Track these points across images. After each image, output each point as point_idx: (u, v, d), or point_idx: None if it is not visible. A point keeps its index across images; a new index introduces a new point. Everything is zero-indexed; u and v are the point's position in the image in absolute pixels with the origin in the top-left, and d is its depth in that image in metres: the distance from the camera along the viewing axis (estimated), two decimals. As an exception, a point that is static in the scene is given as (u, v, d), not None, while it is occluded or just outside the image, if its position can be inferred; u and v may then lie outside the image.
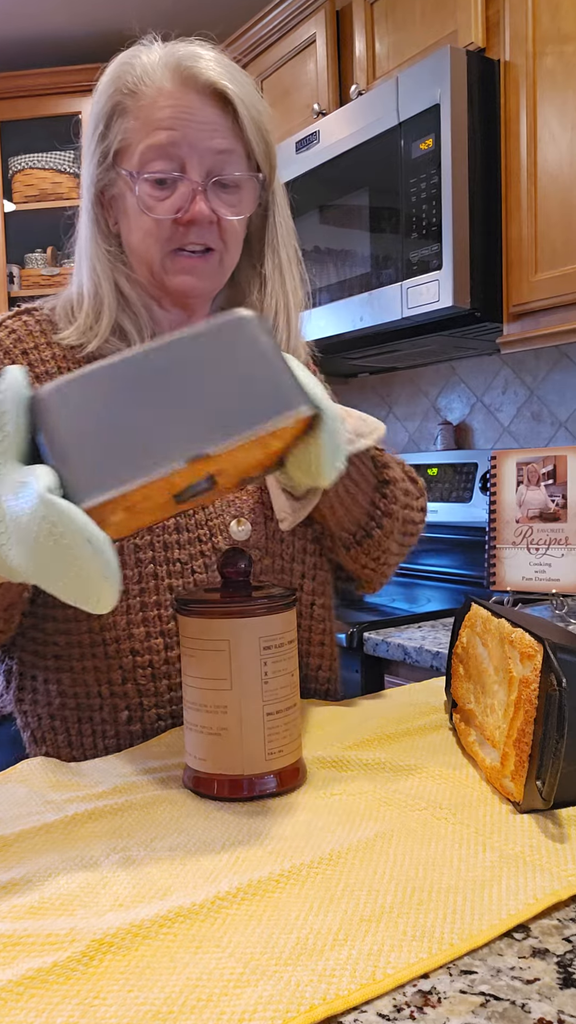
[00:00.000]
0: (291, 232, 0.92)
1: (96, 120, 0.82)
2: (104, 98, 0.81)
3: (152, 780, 0.65)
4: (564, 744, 0.52)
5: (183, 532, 0.82)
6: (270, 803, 0.60)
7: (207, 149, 0.80)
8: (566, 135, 1.51)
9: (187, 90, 0.79)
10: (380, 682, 1.55)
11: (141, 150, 0.80)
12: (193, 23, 2.71)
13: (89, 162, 0.83)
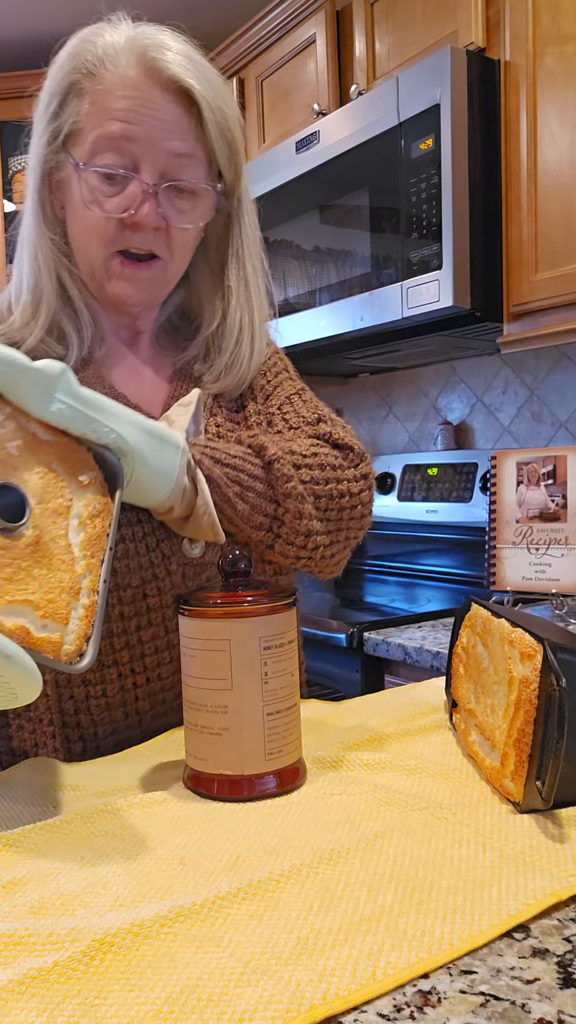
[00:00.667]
0: (258, 243, 0.88)
1: (50, 97, 0.76)
2: (61, 74, 0.76)
3: (152, 780, 0.65)
4: (564, 744, 0.52)
5: (132, 558, 0.76)
6: (270, 803, 0.60)
7: (164, 150, 0.75)
8: (566, 135, 1.51)
9: (150, 83, 0.74)
10: (380, 682, 1.55)
11: (92, 139, 0.74)
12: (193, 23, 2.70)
13: (38, 141, 0.78)
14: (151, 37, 0.76)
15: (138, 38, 0.75)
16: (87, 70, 0.75)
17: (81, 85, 0.75)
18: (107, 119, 0.73)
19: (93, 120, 0.74)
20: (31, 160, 0.79)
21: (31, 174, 0.79)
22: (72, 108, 0.75)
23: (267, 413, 0.90)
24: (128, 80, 0.74)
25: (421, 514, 2.18)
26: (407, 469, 2.25)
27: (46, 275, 0.79)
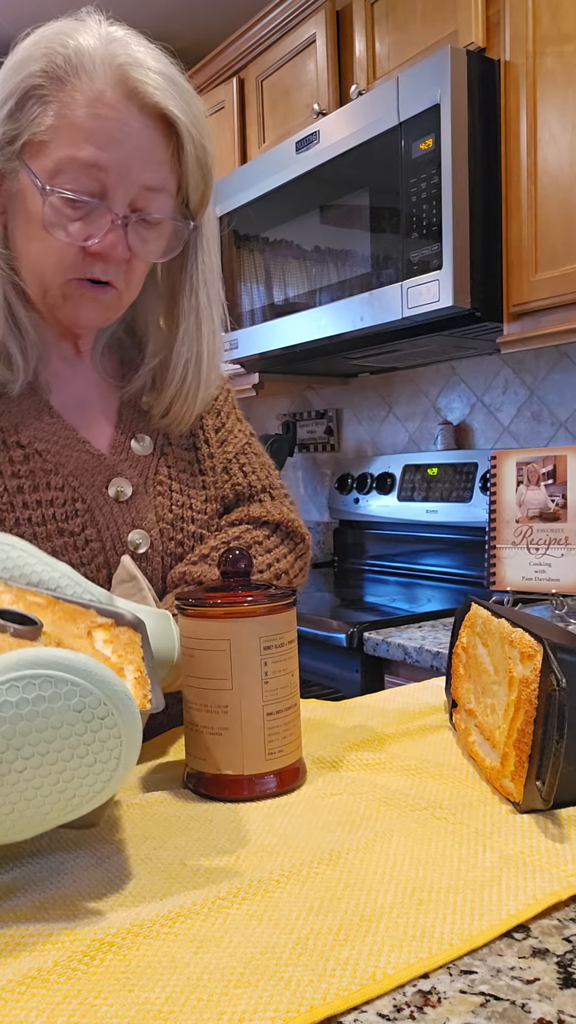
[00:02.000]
0: (215, 270, 0.84)
1: (6, 95, 0.68)
2: (22, 74, 0.68)
3: (152, 779, 0.65)
4: (564, 744, 0.52)
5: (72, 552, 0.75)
6: (270, 803, 0.60)
7: (136, 180, 0.70)
8: (566, 135, 1.51)
9: (129, 104, 0.68)
10: (380, 682, 1.55)
11: (59, 158, 0.68)
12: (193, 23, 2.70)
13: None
14: (131, 52, 0.68)
15: (116, 51, 0.68)
16: (55, 75, 0.67)
17: (45, 91, 0.68)
18: (79, 139, 0.67)
19: (61, 136, 0.67)
20: None
21: None
22: (33, 114, 0.68)
23: (223, 459, 0.90)
24: (104, 98, 0.67)
25: (421, 514, 2.18)
26: (407, 469, 2.25)
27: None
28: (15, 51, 0.70)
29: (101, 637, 0.56)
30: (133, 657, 0.54)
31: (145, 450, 0.84)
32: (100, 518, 0.79)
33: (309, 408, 2.73)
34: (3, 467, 0.75)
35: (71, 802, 0.43)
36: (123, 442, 0.83)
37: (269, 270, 2.06)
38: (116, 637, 0.57)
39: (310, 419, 2.71)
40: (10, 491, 0.75)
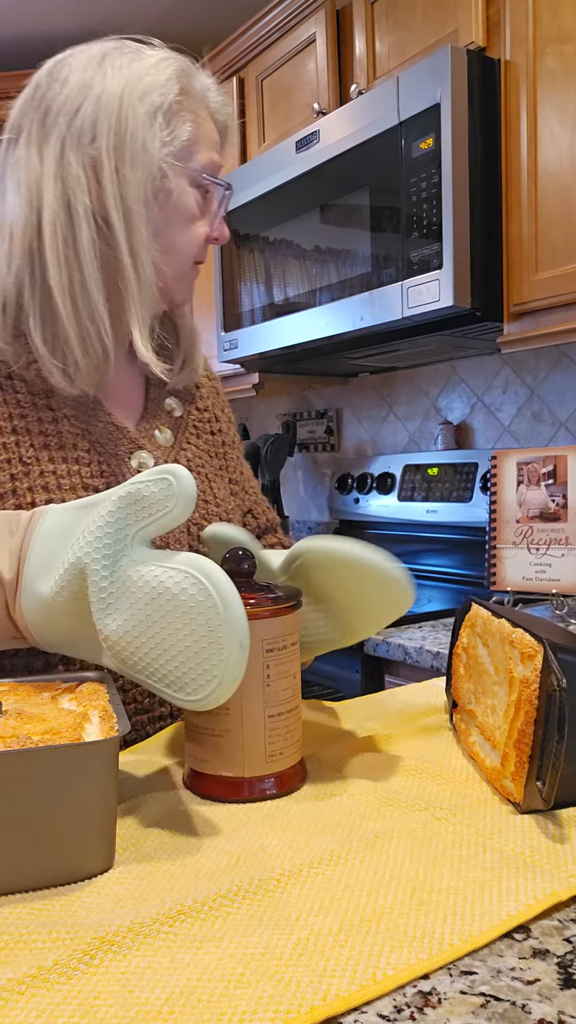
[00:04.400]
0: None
1: (154, 108, 0.75)
2: (173, 87, 0.76)
3: (152, 779, 0.65)
4: (564, 744, 0.52)
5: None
6: (270, 803, 0.60)
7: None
8: (566, 135, 1.51)
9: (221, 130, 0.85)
10: (380, 682, 1.55)
11: (202, 161, 0.80)
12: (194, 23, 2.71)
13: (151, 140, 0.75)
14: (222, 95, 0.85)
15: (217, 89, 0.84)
16: (186, 91, 0.79)
17: (183, 105, 0.78)
18: (208, 146, 0.81)
19: (199, 143, 0.80)
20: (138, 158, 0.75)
21: (143, 172, 0.76)
22: (178, 124, 0.78)
23: (215, 442, 0.95)
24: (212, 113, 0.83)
25: (421, 514, 2.18)
26: (407, 469, 2.25)
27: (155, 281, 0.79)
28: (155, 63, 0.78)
29: (66, 699, 0.59)
30: (98, 702, 0.57)
31: (167, 441, 0.88)
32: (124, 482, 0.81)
33: (309, 408, 2.73)
34: (31, 425, 0.78)
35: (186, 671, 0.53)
36: (147, 430, 0.87)
37: (269, 270, 2.06)
38: (80, 693, 0.59)
39: (310, 419, 2.71)
40: (36, 447, 0.77)
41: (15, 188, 0.76)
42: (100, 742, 0.49)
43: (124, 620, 0.55)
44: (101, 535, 0.56)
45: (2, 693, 0.60)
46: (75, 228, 0.74)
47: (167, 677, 0.55)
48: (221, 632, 0.52)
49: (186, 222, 0.81)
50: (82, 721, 0.53)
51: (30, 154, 0.76)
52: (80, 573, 0.57)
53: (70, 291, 0.75)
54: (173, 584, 0.53)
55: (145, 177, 0.76)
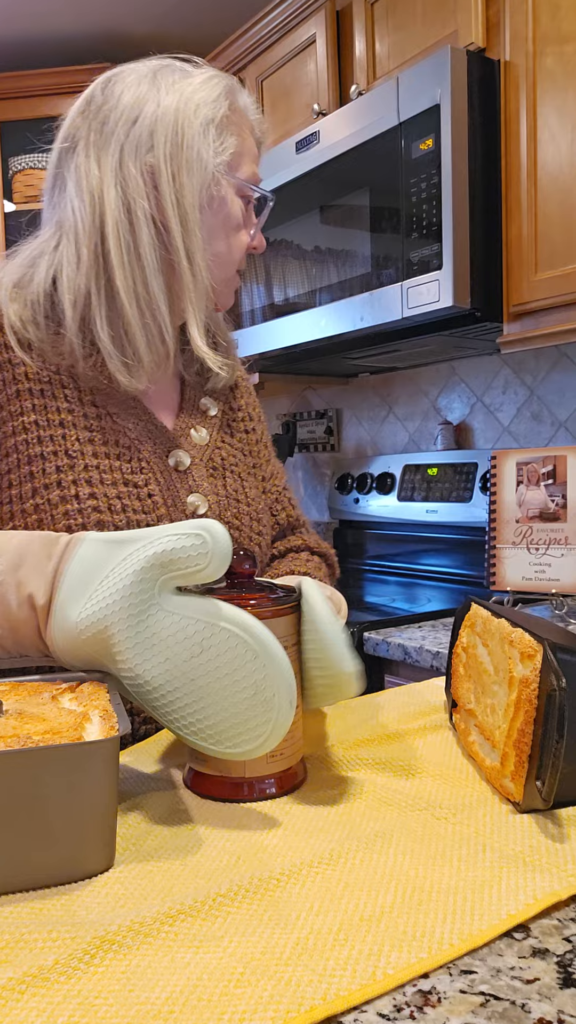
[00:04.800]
0: None
1: (207, 121, 0.81)
2: (223, 103, 0.82)
3: (152, 779, 0.65)
4: (564, 744, 0.52)
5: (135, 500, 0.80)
6: (270, 803, 0.60)
7: None
8: (566, 135, 1.51)
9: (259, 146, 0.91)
10: (380, 682, 1.55)
11: (246, 173, 0.85)
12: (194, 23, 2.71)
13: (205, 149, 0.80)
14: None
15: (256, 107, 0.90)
16: (234, 107, 0.84)
17: (231, 120, 0.84)
18: (251, 159, 0.87)
19: (243, 157, 0.85)
20: (193, 164, 0.80)
21: (199, 179, 0.80)
22: (226, 136, 0.83)
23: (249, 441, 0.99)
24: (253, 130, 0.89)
25: (421, 514, 2.18)
26: (407, 469, 2.25)
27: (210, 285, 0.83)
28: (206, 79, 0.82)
29: (66, 698, 0.59)
30: (98, 701, 0.57)
31: (202, 440, 0.91)
32: (161, 479, 0.84)
33: (309, 408, 2.73)
34: (77, 420, 0.81)
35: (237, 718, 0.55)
36: (184, 428, 0.90)
37: (269, 270, 2.06)
38: (80, 692, 0.59)
39: (310, 419, 2.71)
40: (81, 441, 0.80)
41: (76, 193, 0.80)
42: (101, 742, 0.49)
43: (157, 674, 0.56)
44: (127, 594, 0.56)
45: (3, 693, 0.60)
46: (136, 231, 0.79)
47: (204, 731, 0.56)
48: (269, 693, 0.53)
49: (233, 229, 0.86)
50: (82, 721, 0.53)
51: (89, 162, 0.79)
52: (104, 627, 0.57)
53: (134, 290, 0.79)
54: (217, 643, 0.54)
55: (200, 184, 0.80)
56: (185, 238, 0.80)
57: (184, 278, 0.81)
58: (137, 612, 0.56)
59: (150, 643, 0.56)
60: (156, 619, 0.56)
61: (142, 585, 0.56)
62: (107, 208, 0.78)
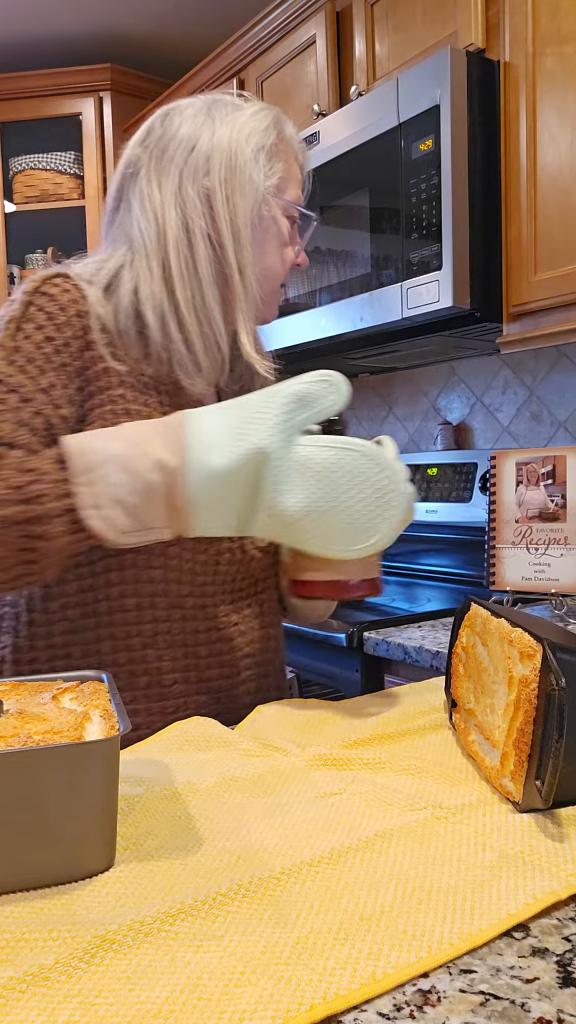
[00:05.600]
0: None
1: (257, 148, 0.89)
2: (272, 132, 0.91)
3: (152, 779, 0.65)
4: (564, 744, 0.52)
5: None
6: (270, 802, 0.60)
7: None
8: (566, 135, 1.51)
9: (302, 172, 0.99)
10: (380, 682, 1.55)
11: (293, 196, 0.94)
12: (194, 23, 2.71)
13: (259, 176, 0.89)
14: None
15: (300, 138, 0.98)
16: (281, 137, 0.92)
17: (279, 148, 0.92)
18: (297, 183, 0.95)
19: (290, 181, 0.94)
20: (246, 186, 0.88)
21: (251, 200, 0.89)
22: (276, 162, 0.91)
23: None
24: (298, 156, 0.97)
25: (421, 514, 2.18)
26: (407, 469, 2.25)
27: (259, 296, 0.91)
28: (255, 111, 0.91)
29: (67, 697, 0.60)
30: (99, 701, 0.58)
31: None
32: None
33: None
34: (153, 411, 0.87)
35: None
36: None
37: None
38: (81, 692, 0.61)
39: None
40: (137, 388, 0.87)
41: (141, 214, 0.88)
42: (101, 741, 0.49)
43: (301, 495, 0.68)
44: (278, 423, 0.67)
45: (3, 692, 0.60)
46: (194, 247, 0.87)
47: (329, 537, 0.69)
48: (390, 494, 0.69)
49: (280, 246, 0.93)
50: (83, 720, 0.54)
51: (151, 186, 0.88)
52: (260, 456, 0.67)
53: (192, 301, 0.87)
54: (349, 461, 0.68)
55: (251, 204, 0.89)
56: (237, 253, 0.88)
57: (236, 290, 0.88)
58: (285, 446, 0.67)
59: (294, 471, 0.68)
60: (297, 451, 0.68)
61: (287, 424, 0.68)
62: (168, 227, 0.86)
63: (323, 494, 0.68)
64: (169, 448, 0.68)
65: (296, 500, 0.68)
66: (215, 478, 0.67)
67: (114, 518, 0.68)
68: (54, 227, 2.89)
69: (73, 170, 2.83)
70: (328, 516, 0.68)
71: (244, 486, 0.68)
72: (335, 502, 0.68)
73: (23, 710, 0.55)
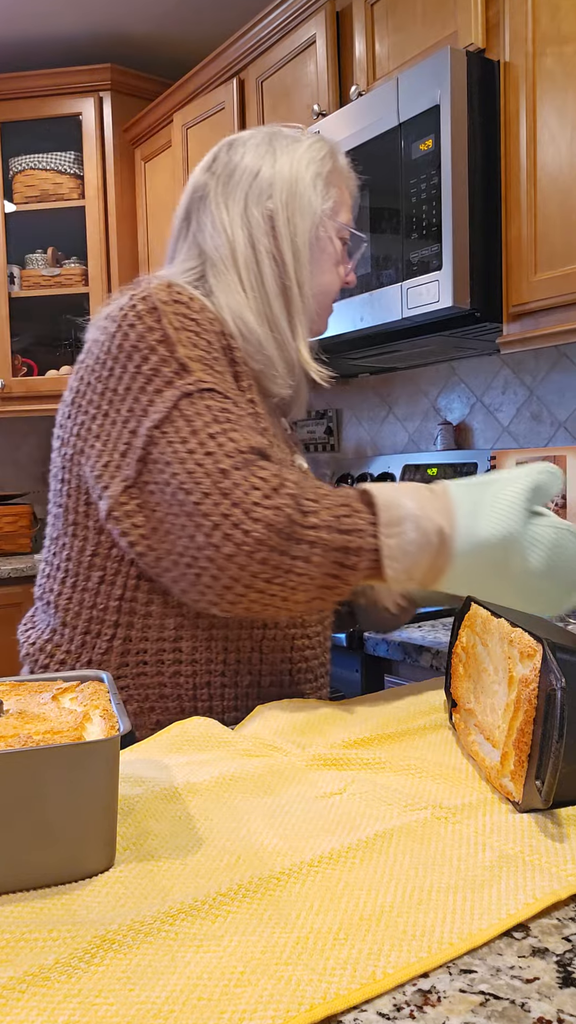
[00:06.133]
0: None
1: (315, 175, 0.98)
2: (329, 162, 1.00)
3: (152, 779, 0.65)
4: (564, 744, 0.52)
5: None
6: (270, 802, 0.60)
7: None
8: (566, 135, 1.51)
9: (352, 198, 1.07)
10: (380, 682, 1.55)
11: (346, 219, 1.02)
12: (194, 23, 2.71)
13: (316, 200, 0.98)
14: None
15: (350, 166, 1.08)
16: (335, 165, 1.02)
17: (333, 175, 1.01)
18: (348, 208, 1.03)
19: (343, 205, 1.02)
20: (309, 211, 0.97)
21: (309, 221, 0.97)
22: (330, 189, 1.00)
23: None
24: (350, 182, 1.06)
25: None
26: (407, 469, 2.25)
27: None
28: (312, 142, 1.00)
29: (67, 698, 0.60)
30: (99, 701, 0.59)
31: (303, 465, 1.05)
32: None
33: (309, 408, 2.73)
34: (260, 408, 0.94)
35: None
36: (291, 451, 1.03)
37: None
38: (81, 691, 0.61)
39: (310, 419, 2.71)
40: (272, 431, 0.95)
41: (212, 232, 0.96)
42: (101, 741, 0.49)
43: (537, 564, 0.76)
44: (522, 513, 0.76)
45: (3, 692, 0.60)
46: (260, 263, 0.95)
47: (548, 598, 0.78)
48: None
49: (332, 265, 1.01)
50: (83, 720, 0.54)
51: (220, 208, 0.96)
52: (510, 536, 0.75)
53: (262, 311, 0.95)
54: (568, 540, 0.77)
55: (309, 225, 0.97)
56: (296, 269, 0.96)
57: (295, 303, 0.96)
58: (526, 524, 0.76)
59: (530, 543, 0.76)
60: (532, 528, 0.76)
61: (526, 505, 0.76)
62: (237, 245, 0.95)
63: (548, 561, 0.77)
64: (445, 515, 0.76)
65: (533, 566, 0.76)
66: (478, 546, 0.75)
67: (400, 569, 0.76)
68: (54, 227, 2.89)
69: (73, 170, 2.83)
70: (547, 581, 0.77)
71: (498, 554, 0.76)
72: (554, 571, 0.77)
73: (23, 710, 0.55)
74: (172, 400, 0.81)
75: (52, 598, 0.93)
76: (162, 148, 2.69)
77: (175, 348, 0.83)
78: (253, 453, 0.79)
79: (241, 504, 0.75)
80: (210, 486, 0.76)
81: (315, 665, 0.96)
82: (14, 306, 2.86)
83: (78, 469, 0.89)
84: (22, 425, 3.21)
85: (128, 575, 0.87)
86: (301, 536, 0.75)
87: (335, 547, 0.75)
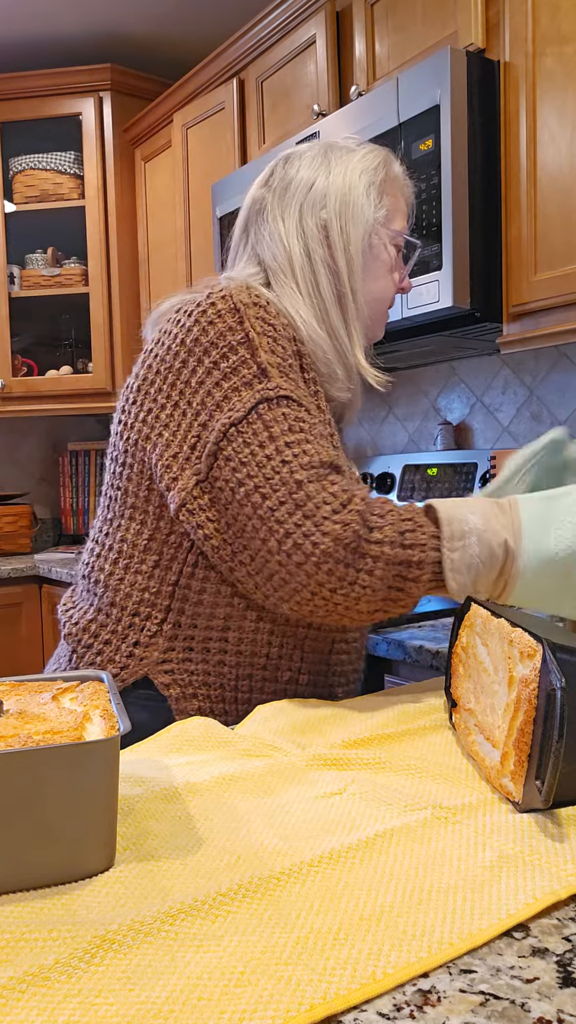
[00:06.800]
0: None
1: (368, 184, 1.00)
2: (373, 174, 1.01)
3: (152, 779, 0.65)
4: (564, 744, 0.52)
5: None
6: (270, 802, 0.60)
7: None
8: (566, 135, 1.51)
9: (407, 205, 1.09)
10: (380, 682, 1.55)
11: (400, 227, 1.04)
12: (194, 23, 2.71)
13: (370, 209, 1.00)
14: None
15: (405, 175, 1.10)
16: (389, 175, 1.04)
17: (387, 184, 1.03)
18: (402, 216, 1.05)
19: (396, 213, 1.04)
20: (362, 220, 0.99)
21: (362, 230, 0.99)
22: (383, 196, 1.02)
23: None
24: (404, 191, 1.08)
25: (421, 514, 2.17)
26: (407, 469, 2.25)
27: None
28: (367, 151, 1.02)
29: (67, 697, 0.61)
30: (99, 701, 0.59)
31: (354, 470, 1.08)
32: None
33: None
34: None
35: None
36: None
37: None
38: (81, 691, 0.61)
39: (310, 419, 2.71)
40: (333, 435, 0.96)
41: (270, 243, 0.99)
42: (101, 741, 0.49)
43: None
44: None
45: (3, 692, 0.60)
46: (315, 272, 0.98)
47: None
48: None
49: (386, 272, 1.03)
50: (83, 720, 0.54)
51: (276, 221, 0.99)
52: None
53: (320, 318, 0.97)
54: None
55: (363, 233, 0.99)
56: (350, 277, 0.98)
57: (349, 310, 0.98)
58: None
59: None
60: None
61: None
62: (293, 254, 0.98)
63: None
64: (511, 530, 0.78)
65: None
66: (546, 562, 0.77)
67: (464, 583, 0.78)
68: (54, 227, 2.89)
69: (73, 170, 2.83)
70: None
71: (561, 571, 0.77)
72: None
73: (23, 710, 0.55)
74: (251, 402, 0.84)
75: (102, 577, 0.94)
76: (162, 148, 2.69)
77: (257, 352, 0.86)
78: (325, 468, 0.82)
79: (312, 517, 0.78)
80: (285, 495, 0.80)
81: (349, 670, 0.98)
82: (14, 306, 2.86)
83: (142, 454, 0.90)
84: (22, 425, 3.21)
85: (185, 562, 0.89)
86: (366, 551, 0.78)
87: (398, 561, 0.78)
